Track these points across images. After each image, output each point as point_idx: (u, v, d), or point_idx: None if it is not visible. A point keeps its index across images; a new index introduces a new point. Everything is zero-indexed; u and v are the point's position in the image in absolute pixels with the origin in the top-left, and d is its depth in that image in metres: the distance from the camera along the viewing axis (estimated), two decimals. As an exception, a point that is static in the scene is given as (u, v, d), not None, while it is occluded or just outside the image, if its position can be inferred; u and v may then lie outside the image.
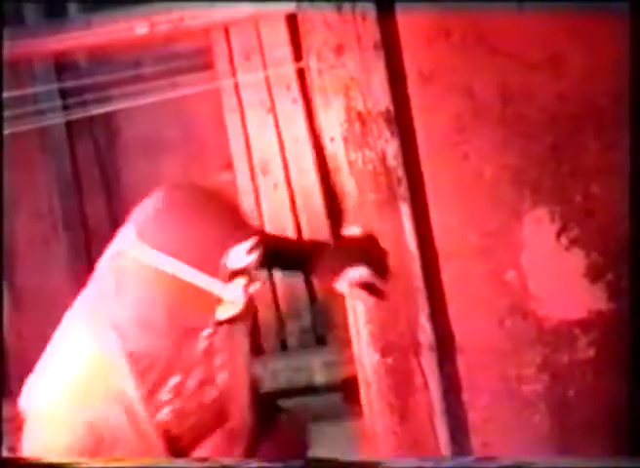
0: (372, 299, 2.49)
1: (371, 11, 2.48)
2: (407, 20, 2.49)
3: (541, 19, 2.43)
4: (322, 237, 4.79)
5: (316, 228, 4.82)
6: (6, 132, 4.00)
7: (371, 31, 2.49)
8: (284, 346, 4.97)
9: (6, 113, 4.02)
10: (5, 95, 3.90)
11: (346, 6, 2.48)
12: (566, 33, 2.44)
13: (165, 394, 2.03)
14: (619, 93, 2.42)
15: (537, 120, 2.49)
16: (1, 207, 4.44)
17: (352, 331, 2.63)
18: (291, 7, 2.60)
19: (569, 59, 2.46)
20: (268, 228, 4.91)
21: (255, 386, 2.34)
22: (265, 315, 4.99)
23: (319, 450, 4.16)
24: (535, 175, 2.50)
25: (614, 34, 2.38)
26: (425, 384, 2.51)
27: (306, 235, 4.88)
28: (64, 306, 4.93)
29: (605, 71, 2.44)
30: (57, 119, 4.77)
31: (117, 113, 5.28)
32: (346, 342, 3.65)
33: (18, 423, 1.97)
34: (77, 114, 4.60)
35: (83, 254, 5.32)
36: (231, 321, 2.02)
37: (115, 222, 5.96)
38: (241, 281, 1.95)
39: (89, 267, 6.05)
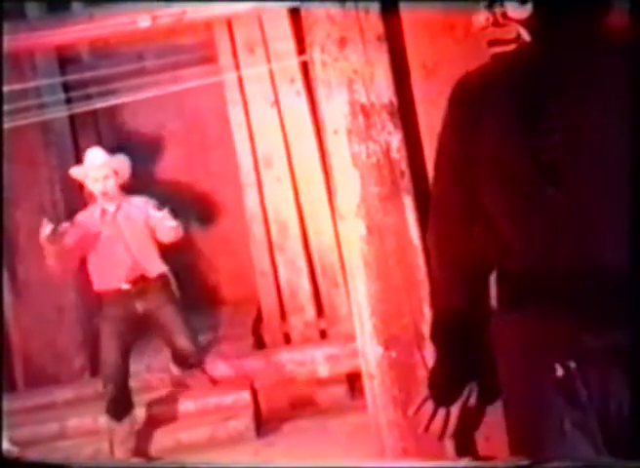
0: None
1: (374, 4, 2.48)
2: (410, 14, 2.47)
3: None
4: (325, 230, 4.79)
5: (319, 221, 4.82)
6: (9, 125, 4.00)
7: (374, 24, 2.48)
8: (287, 339, 4.98)
9: (9, 107, 4.02)
10: (8, 88, 3.90)
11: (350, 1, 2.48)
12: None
13: None
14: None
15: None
16: (1, 200, 4.44)
17: (356, 325, 2.62)
18: (295, 3, 2.60)
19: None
20: (271, 221, 4.91)
21: None
22: (269, 308, 4.99)
23: (323, 444, 4.18)
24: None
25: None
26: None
27: (310, 227, 4.88)
28: (66, 298, 4.90)
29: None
30: (60, 112, 4.76)
31: (121, 106, 5.28)
32: (350, 336, 3.66)
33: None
34: (80, 108, 4.60)
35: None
36: None
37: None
38: None
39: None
